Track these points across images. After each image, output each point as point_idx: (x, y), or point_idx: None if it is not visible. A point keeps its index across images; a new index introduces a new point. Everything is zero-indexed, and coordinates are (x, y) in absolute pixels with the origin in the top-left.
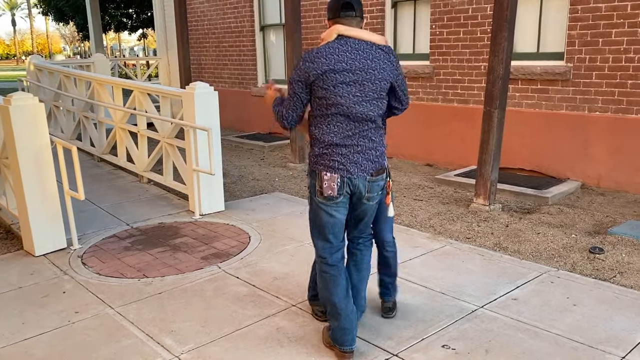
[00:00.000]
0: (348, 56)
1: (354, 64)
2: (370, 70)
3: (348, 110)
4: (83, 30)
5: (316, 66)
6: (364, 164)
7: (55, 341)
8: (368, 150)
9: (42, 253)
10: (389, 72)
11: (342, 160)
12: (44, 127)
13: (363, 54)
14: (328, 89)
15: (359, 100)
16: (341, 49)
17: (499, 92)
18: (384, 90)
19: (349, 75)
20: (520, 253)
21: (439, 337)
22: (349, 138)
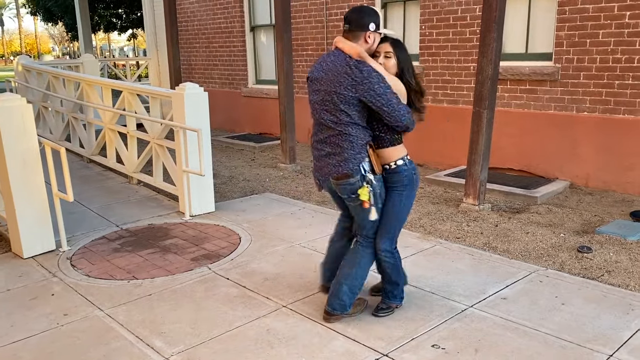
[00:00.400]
0: (319, 66)
1: (318, 73)
2: (327, 81)
3: (314, 115)
4: (72, 31)
5: (309, 72)
6: (327, 168)
7: (43, 344)
8: (332, 155)
9: (30, 255)
10: (348, 86)
11: (315, 162)
12: (31, 129)
13: (328, 65)
14: (308, 93)
15: (320, 107)
16: (322, 59)
17: (488, 92)
18: (344, 102)
19: (315, 84)
20: (509, 252)
21: (429, 337)
22: (318, 142)
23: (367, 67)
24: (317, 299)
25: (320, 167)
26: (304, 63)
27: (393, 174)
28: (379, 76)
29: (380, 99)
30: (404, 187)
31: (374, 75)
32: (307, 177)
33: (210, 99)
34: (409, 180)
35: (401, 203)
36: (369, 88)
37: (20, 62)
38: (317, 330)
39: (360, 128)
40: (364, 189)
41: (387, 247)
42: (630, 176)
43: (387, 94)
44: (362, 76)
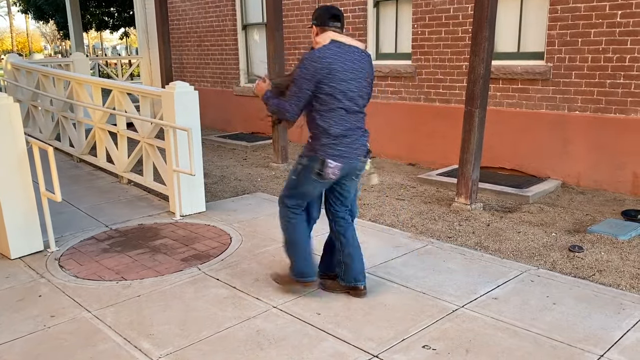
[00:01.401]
0: (347, 57)
1: (347, 64)
2: (362, 70)
3: (347, 103)
4: (63, 29)
5: (322, 65)
6: (361, 149)
7: (30, 346)
8: (363, 136)
9: (17, 256)
10: (371, 72)
11: (345, 149)
12: (19, 128)
13: (356, 56)
14: (334, 86)
15: (357, 94)
16: (339, 51)
17: (479, 91)
18: (370, 87)
19: (346, 74)
20: (501, 252)
21: (420, 338)
22: (349, 129)
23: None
24: (307, 299)
25: (351, 152)
26: (295, 62)
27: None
28: None
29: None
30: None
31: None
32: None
33: (202, 98)
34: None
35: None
36: (374, 73)
37: (10, 60)
38: (307, 331)
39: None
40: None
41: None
42: (621, 175)
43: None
44: (372, 63)
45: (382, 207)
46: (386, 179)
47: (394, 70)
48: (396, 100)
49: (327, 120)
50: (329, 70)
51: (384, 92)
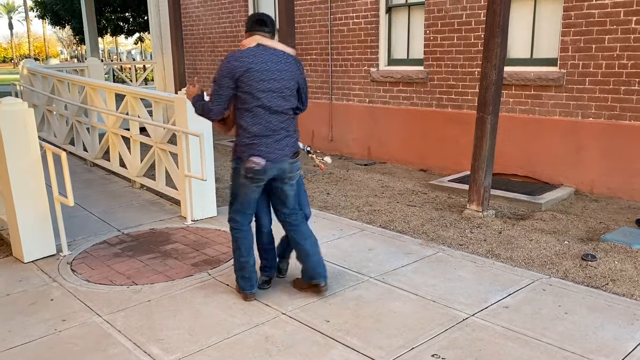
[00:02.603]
0: (268, 58)
1: (269, 65)
2: (285, 71)
3: (266, 104)
4: (79, 34)
5: (241, 64)
6: (287, 149)
7: (41, 350)
8: (288, 137)
9: (31, 260)
10: (299, 75)
11: (266, 149)
12: (33, 133)
13: (280, 59)
14: (252, 85)
15: (277, 96)
16: (261, 53)
17: (492, 97)
18: (296, 90)
19: (266, 74)
20: (512, 260)
21: (429, 346)
22: (271, 130)
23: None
24: (317, 306)
25: (275, 150)
26: (308, 68)
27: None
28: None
29: (306, 85)
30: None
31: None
32: (309, 181)
33: None
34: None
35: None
36: (304, 77)
37: (26, 65)
38: (316, 339)
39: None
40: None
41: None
42: (636, 183)
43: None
44: (302, 68)
45: (392, 213)
46: (397, 184)
47: (405, 76)
48: (408, 106)
49: (247, 119)
50: (247, 69)
51: (396, 98)
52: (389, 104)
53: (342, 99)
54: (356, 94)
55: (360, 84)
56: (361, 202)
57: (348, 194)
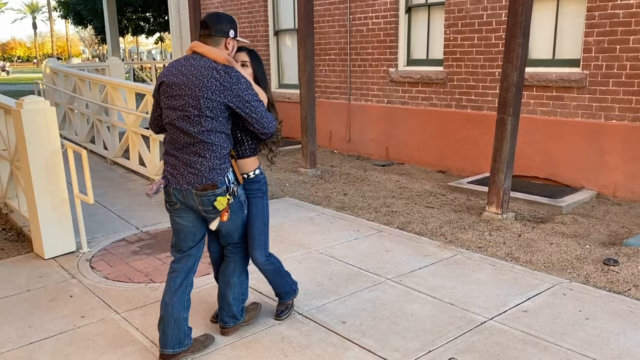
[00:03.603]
0: (177, 70)
1: (178, 78)
2: (191, 86)
3: (169, 121)
4: (101, 34)
5: (159, 78)
6: (188, 177)
7: (59, 346)
8: (193, 164)
9: (51, 256)
10: (216, 91)
11: (168, 171)
12: (54, 131)
13: (189, 70)
14: (162, 99)
15: (180, 114)
16: (178, 63)
17: (512, 99)
18: (211, 109)
19: (173, 88)
20: (532, 263)
21: (447, 350)
22: (175, 149)
23: (235, 72)
24: (333, 307)
25: (176, 175)
26: (326, 68)
27: (252, 183)
28: (247, 82)
29: (249, 105)
30: (262, 194)
31: (243, 82)
32: (327, 182)
33: None
34: (265, 187)
35: (264, 210)
36: (237, 94)
37: (49, 64)
38: (332, 340)
39: (224, 136)
40: (223, 199)
41: (260, 258)
42: None
43: (255, 101)
44: (232, 81)
45: (410, 215)
46: (415, 186)
47: (425, 77)
48: (427, 106)
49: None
50: (160, 82)
51: (415, 99)
52: (408, 104)
53: (360, 99)
54: (374, 94)
55: (379, 84)
56: (379, 203)
57: (365, 195)
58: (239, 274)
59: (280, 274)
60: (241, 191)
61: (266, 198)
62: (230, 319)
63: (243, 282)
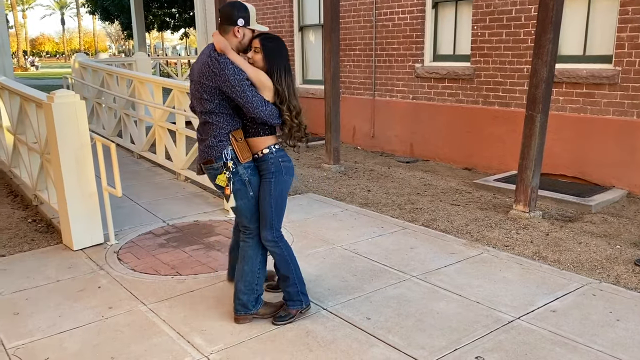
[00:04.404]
0: (196, 60)
1: (193, 66)
2: (195, 71)
3: (192, 106)
4: (127, 29)
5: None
6: (199, 153)
7: (88, 336)
8: (202, 141)
9: (79, 247)
10: (208, 76)
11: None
12: (84, 124)
13: (198, 58)
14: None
15: (193, 97)
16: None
17: (542, 95)
18: (207, 92)
19: (190, 75)
20: (560, 263)
21: (473, 348)
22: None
23: (224, 59)
24: (358, 303)
25: (199, 152)
26: (351, 63)
27: (262, 162)
28: (234, 68)
29: (234, 89)
30: (272, 175)
31: (230, 67)
32: (350, 178)
33: None
34: (276, 168)
35: (271, 190)
36: (224, 79)
37: (77, 59)
38: (357, 336)
39: (224, 116)
40: (222, 175)
41: (267, 236)
42: None
43: (241, 86)
44: (219, 67)
45: (435, 212)
46: (440, 183)
47: (451, 72)
48: (453, 102)
49: None
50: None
51: (441, 95)
52: (434, 100)
53: (385, 95)
54: (400, 90)
55: (404, 79)
56: (403, 200)
57: (389, 192)
58: (250, 263)
59: (287, 263)
60: (244, 170)
61: (277, 179)
62: (240, 307)
63: (255, 273)
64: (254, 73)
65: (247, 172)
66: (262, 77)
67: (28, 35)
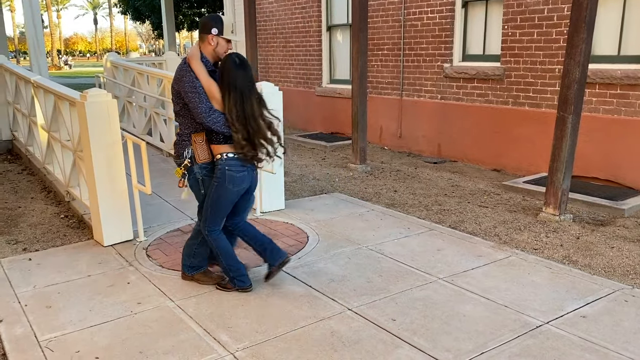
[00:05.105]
0: None
1: None
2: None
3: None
4: (158, 29)
5: None
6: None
7: (118, 330)
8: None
9: (110, 243)
10: (175, 81)
11: None
12: (115, 123)
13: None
14: None
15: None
16: None
17: (574, 96)
18: (174, 95)
19: None
20: (591, 268)
21: (500, 352)
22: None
23: (186, 67)
24: (383, 304)
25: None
26: (379, 63)
27: (215, 167)
28: (191, 76)
29: (186, 95)
30: (217, 180)
31: (188, 75)
32: (376, 178)
33: (285, 97)
34: (221, 174)
35: (212, 193)
36: (182, 85)
37: (109, 58)
38: (382, 337)
39: (187, 119)
40: (178, 169)
41: (205, 230)
42: None
43: (192, 93)
44: (180, 74)
45: (463, 214)
46: (468, 184)
47: (480, 72)
48: (482, 103)
49: None
50: None
51: (470, 95)
52: (462, 100)
53: (412, 95)
54: (428, 90)
55: (433, 79)
56: (430, 201)
57: (416, 192)
58: (192, 237)
59: (217, 253)
60: (199, 170)
61: (220, 184)
62: (183, 267)
63: (192, 246)
64: (206, 83)
65: (201, 172)
66: (213, 88)
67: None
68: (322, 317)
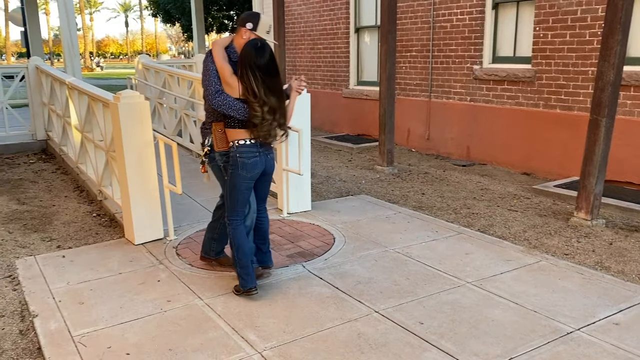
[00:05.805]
0: None
1: None
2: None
3: None
4: (187, 31)
5: None
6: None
7: (148, 327)
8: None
9: (140, 242)
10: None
11: None
12: (148, 124)
13: None
14: None
15: None
16: None
17: (608, 99)
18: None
19: None
20: (624, 274)
21: (529, 358)
22: None
23: (209, 51)
24: (410, 307)
25: None
26: (407, 65)
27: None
28: (208, 60)
29: (202, 77)
30: (230, 167)
31: (206, 59)
32: (404, 180)
33: (312, 99)
34: (233, 161)
35: (229, 181)
36: (202, 70)
37: (141, 61)
38: (409, 340)
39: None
40: (201, 156)
41: (225, 217)
42: None
43: (204, 75)
44: (204, 61)
45: (492, 218)
46: (497, 187)
47: (511, 74)
48: (512, 105)
49: None
50: None
51: (500, 97)
52: (492, 102)
53: (441, 97)
54: (457, 91)
55: (462, 81)
56: (458, 204)
57: (444, 195)
58: (214, 220)
59: (232, 245)
60: (219, 157)
61: (233, 171)
62: (202, 250)
63: (214, 228)
64: (220, 66)
65: (222, 159)
66: (225, 73)
67: (94, 37)
68: (349, 319)
